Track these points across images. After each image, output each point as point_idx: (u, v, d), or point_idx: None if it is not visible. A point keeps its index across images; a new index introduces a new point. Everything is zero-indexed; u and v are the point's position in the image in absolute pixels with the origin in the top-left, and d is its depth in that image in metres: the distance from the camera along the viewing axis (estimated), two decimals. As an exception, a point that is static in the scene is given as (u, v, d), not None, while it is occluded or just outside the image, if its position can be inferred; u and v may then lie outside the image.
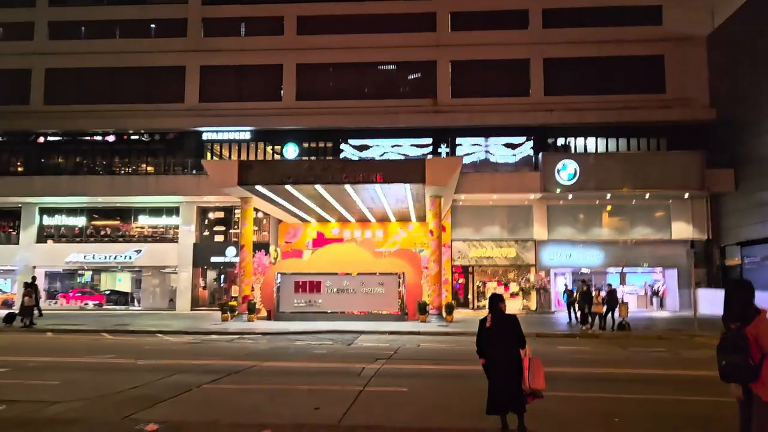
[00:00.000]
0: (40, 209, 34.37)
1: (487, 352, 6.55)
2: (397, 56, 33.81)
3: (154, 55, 34.29)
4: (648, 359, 14.03)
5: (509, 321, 6.59)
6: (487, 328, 6.55)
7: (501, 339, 6.44)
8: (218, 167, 25.18)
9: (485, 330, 6.58)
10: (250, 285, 24.89)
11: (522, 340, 6.49)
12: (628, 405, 8.68)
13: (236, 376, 10.75)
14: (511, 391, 6.28)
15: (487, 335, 6.55)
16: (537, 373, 6.28)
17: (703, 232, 31.67)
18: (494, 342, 6.47)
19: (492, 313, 6.64)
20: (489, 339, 6.54)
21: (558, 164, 30.31)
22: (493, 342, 6.48)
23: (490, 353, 6.50)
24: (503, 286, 32.40)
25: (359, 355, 14.08)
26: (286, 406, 8.38)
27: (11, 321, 21.73)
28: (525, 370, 6.31)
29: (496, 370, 6.38)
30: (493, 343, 6.48)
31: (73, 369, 11.70)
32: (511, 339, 6.46)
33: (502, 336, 6.46)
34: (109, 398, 8.72)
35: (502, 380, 6.31)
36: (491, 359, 6.48)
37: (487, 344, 6.55)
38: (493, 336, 6.49)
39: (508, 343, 6.44)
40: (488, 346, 6.52)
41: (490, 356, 6.51)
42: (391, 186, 22.79)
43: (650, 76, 32.72)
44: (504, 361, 6.36)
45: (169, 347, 16.00)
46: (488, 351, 6.53)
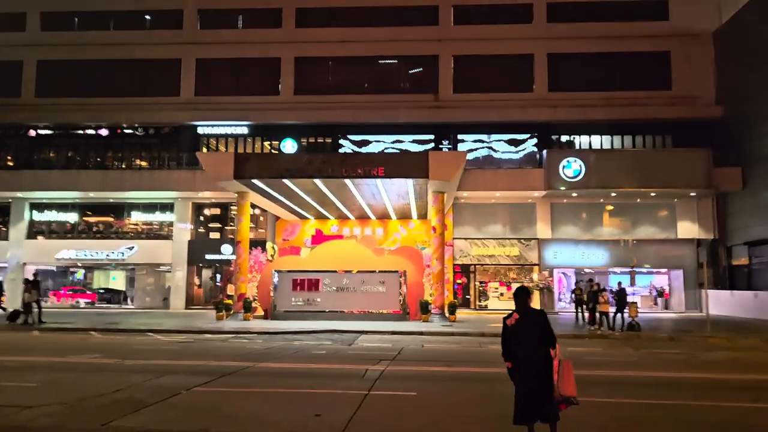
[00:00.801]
0: (30, 204, 33.50)
1: (513, 354, 5.75)
2: (398, 50, 33.03)
3: (149, 47, 33.43)
4: (663, 361, 13.32)
5: (537, 317, 5.80)
6: (512, 327, 5.74)
7: (528, 338, 5.65)
8: (214, 160, 24.36)
9: (510, 329, 5.77)
10: (246, 283, 24.10)
11: (552, 339, 5.70)
12: (653, 411, 7.96)
13: (230, 378, 9.97)
14: (542, 398, 5.50)
15: (514, 335, 5.74)
16: (567, 378, 5.50)
17: (709, 231, 31.00)
18: (521, 342, 5.67)
19: (518, 310, 5.83)
20: (516, 339, 5.73)
21: (563, 161, 29.63)
22: (520, 342, 5.68)
23: (517, 355, 5.70)
24: (505, 286, 31.68)
25: (361, 356, 13.33)
26: (283, 411, 7.61)
27: (15, 319, 20.86)
28: (555, 374, 5.53)
29: (524, 374, 5.58)
30: (521, 344, 5.68)
31: (55, 369, 10.90)
32: (539, 338, 5.66)
33: (530, 335, 5.66)
34: (90, 402, 7.93)
35: (532, 386, 5.52)
36: (518, 362, 5.68)
37: (513, 345, 5.74)
38: (520, 335, 5.69)
39: (537, 343, 5.65)
40: (515, 348, 5.72)
41: (516, 358, 5.70)
42: (392, 181, 22.02)
43: (656, 72, 32.04)
44: (533, 363, 5.57)
45: (160, 347, 15.20)
46: (515, 353, 5.73)
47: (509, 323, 5.79)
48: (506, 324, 5.82)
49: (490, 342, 17.02)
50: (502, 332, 5.88)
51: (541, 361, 5.57)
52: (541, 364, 5.55)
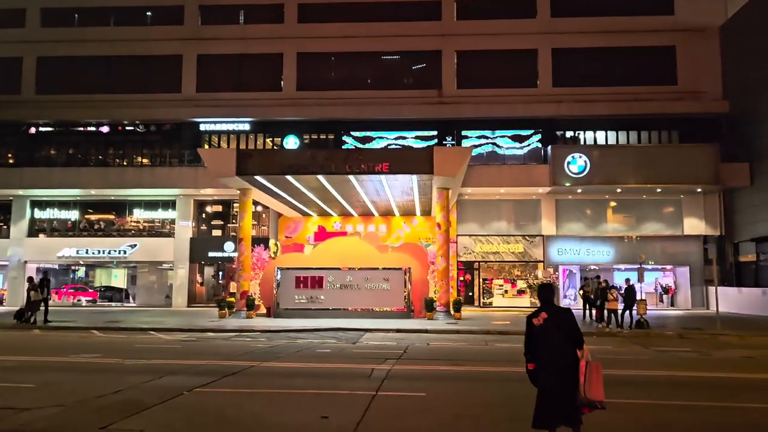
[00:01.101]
0: (31, 202, 33.30)
1: (538, 356, 5.44)
2: (401, 46, 32.73)
3: (150, 44, 33.17)
4: (676, 360, 13.03)
5: (564, 317, 5.49)
6: (539, 327, 5.45)
7: (555, 338, 5.35)
8: (216, 156, 24.09)
9: (537, 329, 5.47)
10: (248, 280, 23.84)
11: (580, 339, 5.41)
12: (674, 413, 7.69)
13: (233, 378, 9.71)
14: (566, 401, 5.21)
15: (540, 335, 5.44)
16: (595, 381, 5.19)
17: (715, 227, 30.69)
18: (548, 343, 5.37)
19: (545, 309, 5.54)
20: (542, 339, 5.43)
21: (568, 157, 29.35)
22: (546, 343, 5.38)
23: (543, 356, 5.39)
24: (510, 283, 31.39)
25: (366, 355, 13.07)
26: (289, 413, 7.34)
27: (22, 317, 20.60)
28: (581, 376, 5.23)
29: (548, 375, 5.28)
30: (547, 345, 5.37)
31: (54, 369, 10.65)
32: (566, 338, 5.37)
33: (557, 335, 5.37)
34: (88, 404, 7.67)
35: (557, 388, 5.23)
36: (542, 362, 5.38)
37: (538, 346, 5.43)
38: (547, 335, 5.40)
39: (564, 344, 5.35)
40: (540, 348, 5.41)
41: (541, 360, 5.39)
42: (397, 177, 21.72)
43: (661, 67, 31.70)
44: (559, 365, 5.27)
45: (161, 346, 14.95)
46: (540, 354, 5.42)
47: (536, 322, 5.46)
48: (532, 323, 5.49)
49: (496, 340, 16.78)
50: (527, 331, 5.54)
51: (568, 362, 5.27)
52: (568, 366, 5.26)
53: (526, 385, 9.37)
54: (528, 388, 8.94)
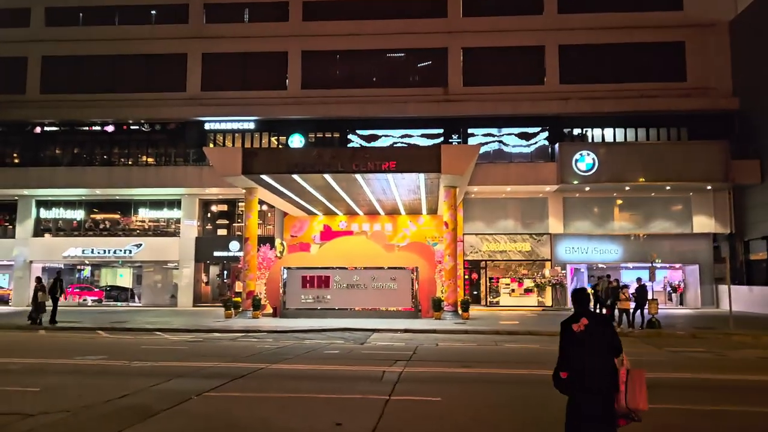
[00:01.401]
0: (36, 202, 33.21)
1: (573, 364, 5.16)
2: (407, 43, 32.47)
3: (155, 42, 33.02)
4: (691, 361, 12.78)
5: (603, 322, 5.22)
6: (580, 333, 5.12)
7: (596, 346, 5.06)
8: (221, 155, 23.91)
9: (577, 336, 5.08)
10: (254, 280, 23.67)
11: (620, 347, 5.13)
12: (701, 419, 7.46)
13: (241, 382, 9.52)
14: (603, 412, 4.94)
15: (580, 342, 5.05)
16: (639, 389, 4.87)
17: (725, 225, 30.32)
18: (588, 350, 5.09)
19: (585, 314, 5.23)
20: (582, 347, 5.15)
21: (576, 154, 29.08)
22: (586, 350, 5.10)
23: (581, 365, 5.12)
24: (517, 282, 31.15)
25: (376, 357, 12.87)
26: (301, 419, 7.13)
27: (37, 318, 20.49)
28: (621, 384, 4.96)
29: (586, 385, 5.00)
30: (587, 352, 5.10)
31: (60, 372, 10.48)
32: (606, 346, 5.10)
33: (598, 342, 5.07)
34: (94, 410, 7.48)
35: (594, 398, 4.96)
36: (581, 372, 5.10)
37: (576, 354, 5.15)
38: (587, 342, 5.11)
39: (604, 351, 5.02)
40: (577, 357, 5.13)
41: (579, 369, 5.12)
42: (404, 175, 21.50)
43: (670, 63, 31.39)
44: (600, 374, 4.99)
45: (168, 347, 14.78)
46: (576, 362, 5.15)
47: (576, 329, 5.08)
48: (571, 329, 5.10)
49: (506, 340, 16.56)
50: (564, 339, 5.16)
51: (609, 371, 5.01)
52: (609, 375, 5.00)
53: (542, 388, 9.19)
54: (545, 392, 8.73)
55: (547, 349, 14.67)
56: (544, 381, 9.82)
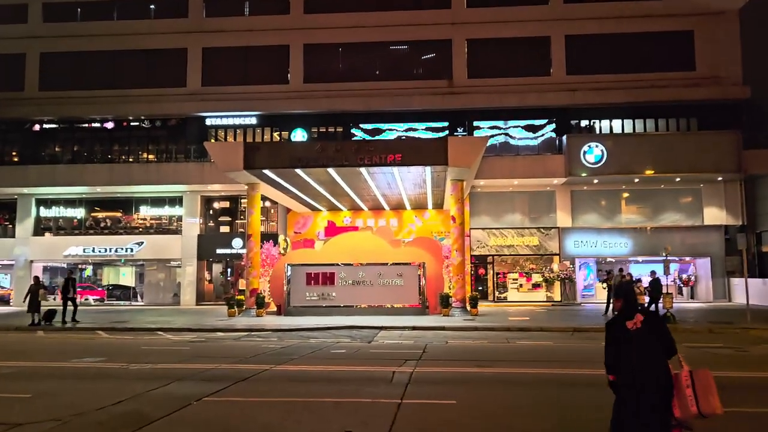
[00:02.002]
0: (36, 200, 32.80)
1: (626, 367, 4.53)
2: (410, 35, 31.90)
3: (154, 37, 32.50)
4: (712, 357, 12.22)
5: (657, 319, 4.65)
6: (635, 332, 4.51)
7: (651, 346, 4.51)
8: (223, 150, 23.38)
9: (632, 334, 4.54)
10: (258, 278, 23.19)
11: (674, 346, 4.60)
12: (736, 420, 6.91)
13: (245, 385, 9.02)
14: (661, 420, 4.39)
15: (631, 342, 4.51)
16: (711, 392, 4.29)
17: (737, 217, 29.75)
18: (644, 351, 4.53)
19: (639, 310, 4.61)
20: (633, 347, 4.51)
21: (584, 146, 28.55)
22: (642, 351, 4.54)
23: (635, 367, 4.46)
24: (525, 276, 30.61)
25: (384, 356, 12.37)
26: (309, 426, 6.63)
27: (51, 318, 19.95)
28: (685, 388, 4.40)
29: (640, 390, 4.43)
30: (643, 353, 4.54)
31: (54, 376, 10.00)
32: (659, 346, 4.50)
33: (652, 341, 4.48)
34: (87, 418, 6.99)
35: (647, 405, 4.41)
36: (631, 376, 4.53)
37: (629, 355, 4.50)
38: (642, 342, 4.48)
39: (660, 351, 4.49)
40: (631, 358, 4.51)
41: (633, 372, 4.46)
42: (410, 169, 20.98)
43: (679, 52, 30.75)
44: (658, 377, 4.43)
45: (169, 347, 14.30)
46: (630, 365, 4.50)
47: (631, 326, 4.54)
48: (625, 327, 4.57)
49: (518, 337, 16.06)
50: (611, 338, 4.65)
51: (666, 374, 4.47)
52: (666, 379, 4.46)
53: (565, 389, 8.65)
54: (568, 394, 8.21)
55: (561, 346, 14.18)
56: (564, 381, 9.34)
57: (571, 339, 15.77)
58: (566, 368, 10.62)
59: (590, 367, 10.63)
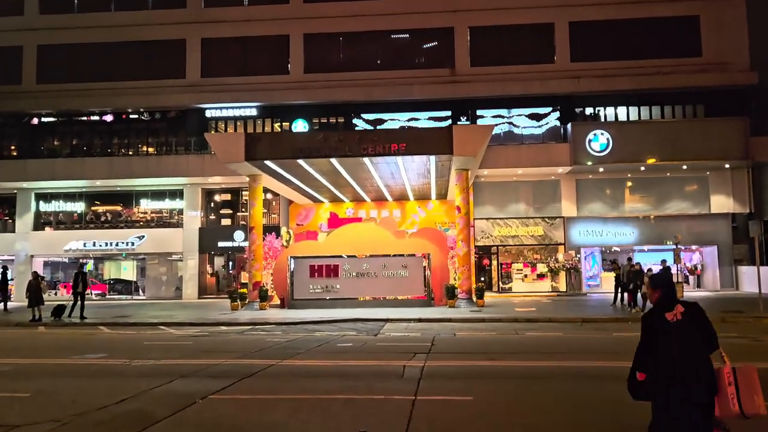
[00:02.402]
0: (36, 195, 32.47)
1: (661, 360, 4.10)
2: (412, 23, 31.40)
3: (152, 28, 32.01)
4: (727, 348, 11.73)
5: (696, 312, 4.19)
6: (676, 324, 4.10)
7: (691, 339, 4.15)
8: (223, 141, 23.00)
9: (664, 326, 4.13)
10: (260, 270, 22.89)
11: (715, 340, 4.23)
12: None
13: (251, 381, 8.73)
14: (704, 422, 4.03)
15: (670, 335, 4.08)
16: (755, 390, 3.90)
17: (744, 205, 29.40)
18: (676, 343, 4.19)
19: (678, 301, 4.19)
20: (673, 341, 4.07)
21: (589, 134, 28.17)
22: (680, 345, 4.08)
23: (675, 363, 4.03)
24: (530, 267, 30.30)
25: (392, 349, 12.08)
26: (319, 425, 6.32)
27: (60, 314, 19.69)
28: (727, 385, 4.04)
29: (681, 388, 4.09)
30: (683, 348, 4.18)
31: (54, 374, 9.71)
32: (699, 340, 4.09)
33: (692, 334, 4.07)
34: (88, 418, 6.69)
35: (687, 405, 4.05)
36: (671, 368, 4.02)
37: (669, 350, 4.07)
38: (683, 335, 4.06)
39: (698, 346, 4.07)
40: (671, 353, 4.07)
41: (673, 368, 4.02)
42: (414, 158, 20.63)
43: (685, 38, 30.26)
44: (700, 374, 4.06)
45: (172, 342, 14.02)
46: (670, 360, 4.07)
47: (671, 318, 4.12)
48: (665, 319, 4.14)
49: (526, 328, 15.77)
50: (650, 332, 4.21)
51: (709, 368, 4.10)
52: (709, 375, 4.09)
53: (583, 383, 8.28)
54: (588, 389, 7.88)
55: (571, 337, 13.88)
56: (582, 374, 8.96)
57: (581, 330, 15.47)
58: (581, 360, 10.33)
59: (606, 359, 10.37)
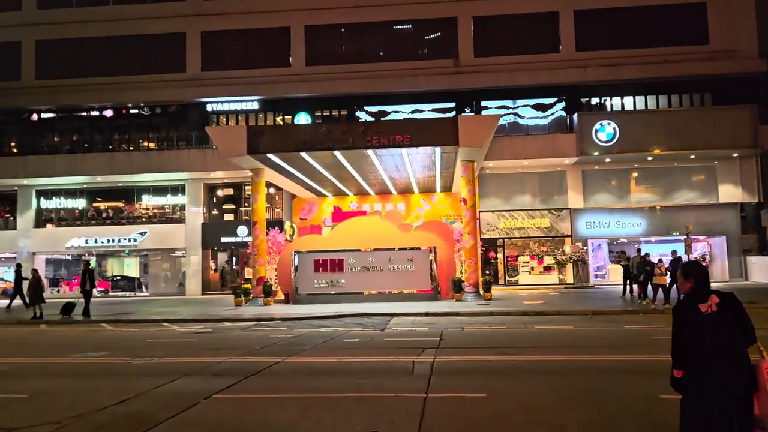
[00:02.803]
0: (37, 192, 32.25)
1: (693, 354, 3.80)
2: (414, 14, 30.97)
3: (152, 22, 31.63)
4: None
5: (732, 302, 3.86)
6: (710, 316, 3.79)
7: (728, 333, 3.81)
8: (225, 134, 22.67)
9: (698, 318, 3.82)
10: (264, 265, 22.61)
11: (752, 333, 3.91)
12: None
13: (256, 380, 8.44)
14: (733, 412, 3.72)
15: (705, 328, 3.78)
16: None
17: (753, 194, 29.03)
18: (711, 335, 3.75)
19: (713, 292, 3.89)
20: (708, 334, 3.75)
21: (596, 124, 27.83)
22: (718, 338, 3.73)
23: (711, 358, 3.71)
24: (536, 259, 29.97)
25: (400, 344, 11.79)
26: (329, 426, 6.03)
27: (70, 312, 19.41)
28: (767, 381, 3.72)
29: (718, 383, 3.77)
30: (711, 338, 3.75)
31: (53, 374, 9.44)
32: (735, 332, 3.77)
33: (726, 326, 3.76)
34: (87, 420, 6.40)
35: (721, 395, 3.70)
36: (705, 361, 3.72)
37: (704, 344, 3.76)
38: (719, 328, 3.75)
39: (734, 338, 3.76)
40: (706, 347, 3.74)
41: (709, 362, 3.71)
42: (419, 150, 20.29)
43: (692, 26, 29.78)
44: (738, 370, 3.74)
45: (175, 339, 13.75)
46: (699, 351, 3.76)
47: (705, 309, 3.80)
48: (698, 310, 3.82)
49: (535, 322, 15.46)
50: (681, 326, 3.90)
51: (746, 363, 3.78)
52: (746, 368, 3.77)
53: (600, 377, 8.03)
54: (612, 385, 7.54)
55: (582, 330, 13.57)
56: (597, 368, 8.58)
57: (591, 322, 15.16)
58: (596, 354, 10.02)
59: (623, 353, 10.07)
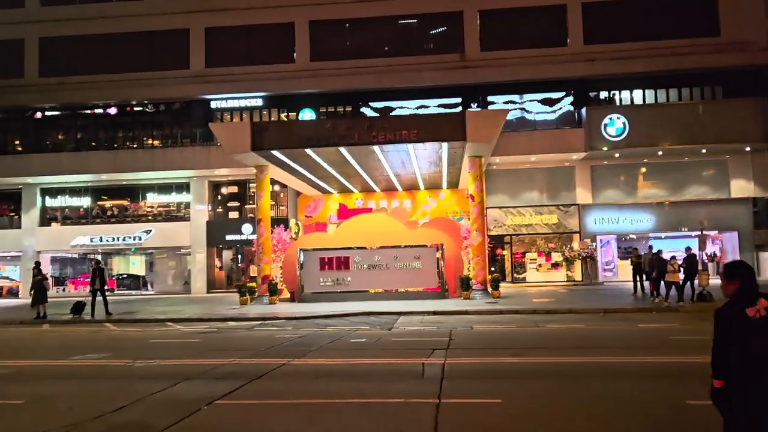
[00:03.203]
0: (41, 190, 32.08)
1: (741, 363, 3.47)
2: (420, 8, 30.54)
3: (155, 18, 31.34)
4: None
5: None
6: (759, 321, 3.45)
7: None
8: (229, 131, 22.37)
9: (746, 323, 3.48)
10: (269, 264, 22.33)
11: None
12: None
13: (261, 383, 8.15)
14: None
15: (747, 332, 3.46)
16: None
17: (766, 189, 28.58)
18: (758, 342, 3.40)
19: (763, 295, 3.53)
20: (750, 338, 3.44)
21: (605, 119, 27.41)
22: (755, 342, 3.40)
23: (747, 363, 3.41)
24: (544, 256, 29.60)
25: (408, 345, 11.50)
26: (335, 435, 5.75)
27: (80, 311, 19.19)
28: None
29: (754, 386, 3.38)
30: (757, 346, 3.40)
31: (52, 377, 9.19)
32: None
33: None
34: (81, 429, 6.14)
35: None
36: (749, 371, 3.40)
37: (747, 349, 3.44)
38: (757, 331, 3.43)
39: None
40: (749, 352, 3.43)
41: (746, 367, 3.41)
42: (425, 146, 19.93)
43: (702, 18, 29.27)
44: None
45: (179, 340, 13.49)
46: (747, 360, 3.43)
47: (753, 314, 3.47)
48: (746, 315, 3.49)
49: (546, 320, 15.13)
50: (722, 331, 3.57)
51: None
52: None
53: (624, 383, 7.58)
54: (636, 390, 7.14)
55: (595, 329, 13.24)
56: (617, 372, 8.10)
57: (604, 321, 14.83)
58: (612, 356, 9.68)
59: (641, 354, 9.73)
